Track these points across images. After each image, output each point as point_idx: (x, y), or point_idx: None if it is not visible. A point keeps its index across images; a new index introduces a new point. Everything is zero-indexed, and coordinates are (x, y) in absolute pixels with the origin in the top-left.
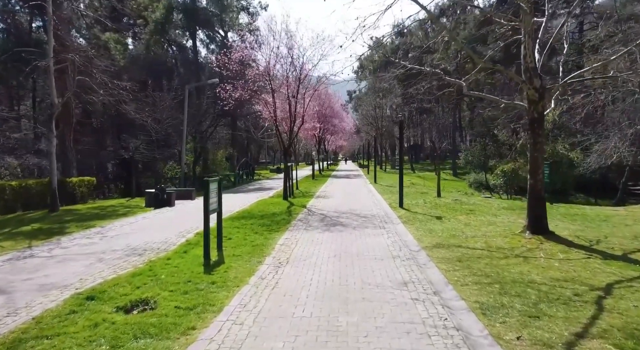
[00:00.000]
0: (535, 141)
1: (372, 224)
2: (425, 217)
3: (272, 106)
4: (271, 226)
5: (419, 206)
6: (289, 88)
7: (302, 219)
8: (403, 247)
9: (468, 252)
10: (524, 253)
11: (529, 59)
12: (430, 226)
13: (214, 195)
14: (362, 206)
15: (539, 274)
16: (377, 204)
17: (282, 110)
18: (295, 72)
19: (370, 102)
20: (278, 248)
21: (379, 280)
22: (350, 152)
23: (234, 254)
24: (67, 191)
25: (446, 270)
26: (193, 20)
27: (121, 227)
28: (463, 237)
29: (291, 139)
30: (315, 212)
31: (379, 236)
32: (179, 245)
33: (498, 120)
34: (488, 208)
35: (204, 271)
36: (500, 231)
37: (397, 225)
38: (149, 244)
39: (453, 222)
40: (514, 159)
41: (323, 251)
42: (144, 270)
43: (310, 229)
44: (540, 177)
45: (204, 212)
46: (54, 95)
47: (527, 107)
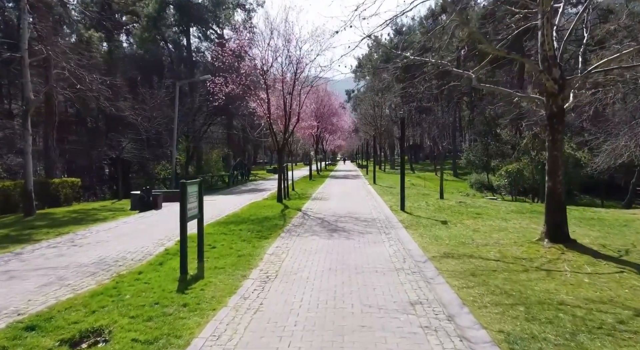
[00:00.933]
0: (555, 139)
1: (372, 229)
2: (429, 221)
3: (265, 103)
4: (262, 232)
5: (421, 209)
6: (285, 84)
7: (297, 224)
8: (407, 258)
9: (481, 263)
10: (546, 265)
11: (547, 46)
12: (436, 232)
13: (193, 199)
14: (362, 209)
15: (568, 293)
16: (377, 206)
17: (277, 108)
18: (291, 67)
19: (369, 101)
20: (267, 259)
21: (381, 301)
22: (349, 152)
23: (216, 267)
24: (50, 193)
25: (459, 287)
26: (187, 16)
27: (97, 233)
28: (473, 246)
29: (285, 138)
30: (311, 215)
31: (380, 244)
32: (156, 255)
33: (500, 119)
34: (496, 211)
35: (177, 289)
36: (514, 238)
37: (400, 231)
38: (123, 254)
39: (460, 228)
40: (518, 159)
41: (317, 263)
42: (107, 288)
43: (305, 235)
44: (560, 178)
45: (180, 219)
46: (29, 89)
47: (544, 101)
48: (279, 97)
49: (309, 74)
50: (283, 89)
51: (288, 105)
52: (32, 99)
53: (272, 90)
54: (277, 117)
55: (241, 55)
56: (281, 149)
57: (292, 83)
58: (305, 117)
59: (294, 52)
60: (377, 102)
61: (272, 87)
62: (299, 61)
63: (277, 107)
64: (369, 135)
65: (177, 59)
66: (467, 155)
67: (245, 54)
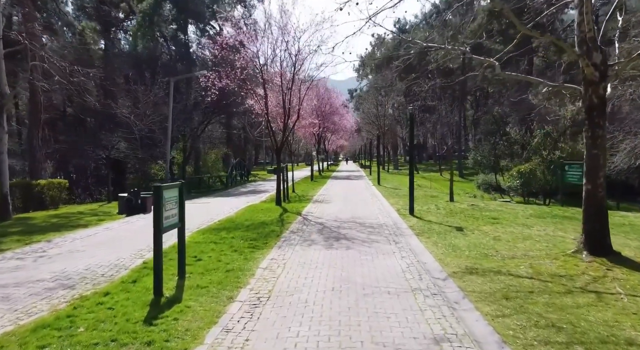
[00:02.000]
0: (594, 135)
1: (380, 237)
2: (443, 227)
3: (263, 99)
4: (256, 241)
5: (431, 213)
6: (283, 78)
7: (296, 231)
8: (423, 274)
9: (513, 282)
10: (592, 285)
11: (586, 27)
12: (452, 240)
13: (172, 206)
14: (367, 213)
15: (636, 327)
16: (384, 210)
17: (276, 105)
18: (289, 59)
19: (372, 100)
20: (259, 274)
21: (398, 338)
22: (351, 152)
23: (199, 285)
24: (34, 195)
25: (492, 315)
26: (184, 12)
27: (72, 242)
28: (498, 258)
29: (284, 137)
30: (312, 220)
31: (390, 256)
32: (132, 269)
33: (509, 118)
34: (513, 216)
35: (146, 318)
36: (543, 249)
37: (411, 239)
38: (94, 268)
39: (478, 235)
40: (528, 159)
41: (318, 280)
42: (60, 316)
43: (304, 244)
44: (601, 180)
45: (154, 230)
46: (4, 83)
47: (581, 91)
48: (277, 93)
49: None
50: (282, 83)
51: (287, 102)
52: (8, 93)
53: (270, 85)
54: (276, 115)
55: (236, 48)
56: (280, 149)
57: (291, 77)
58: (305, 115)
59: (292, 43)
60: (380, 101)
61: (270, 82)
62: (298, 53)
63: (276, 104)
64: (372, 134)
65: (174, 55)
66: (475, 155)
67: (241, 46)
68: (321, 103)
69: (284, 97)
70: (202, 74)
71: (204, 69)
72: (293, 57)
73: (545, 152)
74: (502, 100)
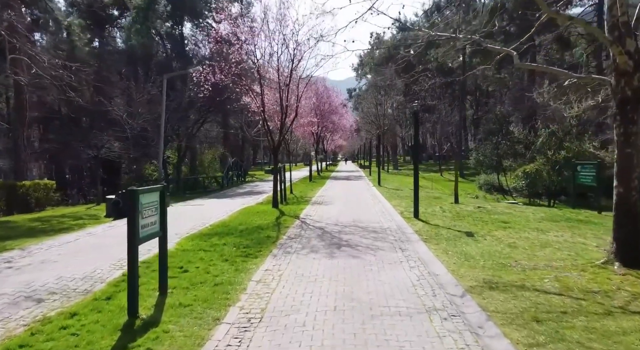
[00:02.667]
0: (627, 132)
1: (385, 243)
2: (451, 232)
3: (259, 96)
4: (250, 248)
5: (437, 216)
6: (280, 73)
7: (293, 236)
8: (437, 288)
9: (540, 299)
10: (634, 304)
11: (618, 11)
12: (463, 248)
13: (151, 212)
14: (369, 216)
15: None
16: (386, 212)
17: (273, 103)
18: (287, 53)
19: (371, 99)
20: (252, 289)
21: None
22: (350, 152)
23: (182, 303)
24: (18, 197)
25: (525, 344)
26: (179, 8)
27: (48, 249)
28: (519, 269)
29: (282, 136)
30: (311, 224)
31: (397, 266)
32: (109, 282)
33: (512, 117)
34: (525, 219)
35: (114, 349)
36: (566, 258)
37: (418, 246)
38: (65, 281)
39: (491, 242)
40: (532, 159)
41: (318, 297)
42: (10, 347)
43: (302, 252)
44: (635, 183)
45: (128, 242)
46: None
47: (612, 83)
48: (274, 90)
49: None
50: (279, 79)
51: (284, 99)
52: None
53: (267, 82)
54: (273, 113)
55: (231, 41)
56: (277, 149)
57: (288, 73)
58: (304, 113)
59: (290, 37)
60: (380, 100)
61: (266, 78)
62: (297, 46)
63: (274, 101)
64: (371, 134)
65: (170, 53)
66: (477, 155)
67: (236, 39)
68: (320, 102)
69: (281, 94)
70: (196, 69)
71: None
72: (291, 51)
73: (550, 152)
74: (504, 99)
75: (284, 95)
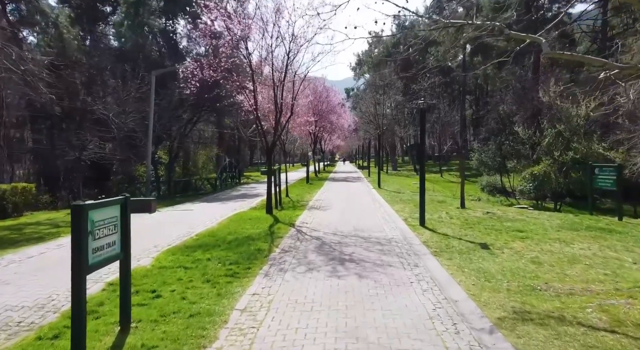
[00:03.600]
0: None
1: (391, 258)
2: (463, 244)
3: (252, 92)
4: (238, 265)
5: (444, 223)
6: (275, 69)
7: (288, 249)
8: (458, 321)
9: (590, 339)
10: None
11: None
12: (480, 263)
13: (108, 231)
14: (371, 223)
15: None
16: (389, 219)
17: (268, 101)
18: (283, 47)
19: (370, 99)
20: (234, 321)
21: None
22: (348, 152)
23: (144, 344)
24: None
25: None
26: (172, 3)
27: (6, 266)
28: (551, 294)
29: (276, 135)
30: (307, 234)
31: (408, 288)
32: (62, 313)
33: (516, 116)
34: (541, 228)
35: None
36: (604, 279)
37: (429, 261)
38: (11, 309)
39: (510, 256)
40: (538, 160)
41: (314, 334)
42: None
43: (297, 270)
44: None
45: (72, 270)
46: None
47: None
48: (269, 87)
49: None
50: (272, 75)
51: (279, 97)
52: None
53: (261, 79)
54: (267, 112)
55: (221, 35)
56: (271, 149)
57: (283, 68)
58: (300, 112)
59: (285, 29)
60: (379, 99)
61: (259, 74)
62: (294, 38)
63: (268, 100)
64: (370, 134)
65: (163, 51)
66: (479, 155)
67: (227, 32)
68: (318, 101)
69: (276, 91)
70: (184, 65)
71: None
72: (287, 45)
73: (557, 153)
74: (506, 98)
75: (278, 93)
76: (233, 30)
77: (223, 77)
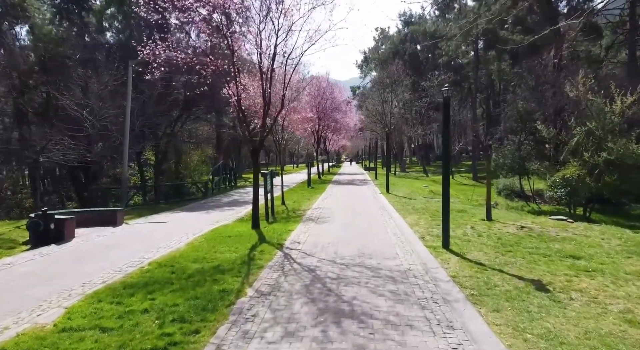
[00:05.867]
0: None
1: (411, 309)
2: (508, 280)
3: (233, 79)
4: (182, 323)
5: (472, 244)
6: (262, 52)
7: (264, 291)
8: None
9: None
10: None
11: None
12: (546, 321)
13: None
14: (379, 244)
15: None
16: (403, 237)
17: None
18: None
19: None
20: None
21: None
22: (353, 153)
23: None
24: None
25: None
26: None
27: None
28: None
29: (264, 132)
30: (297, 261)
31: None
32: None
33: (537, 114)
34: (602, 252)
35: None
36: None
37: (468, 318)
38: None
39: (586, 306)
40: (565, 161)
41: None
42: None
43: (269, 336)
44: None
45: None
46: None
47: None
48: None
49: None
50: (260, 60)
51: (267, 86)
52: None
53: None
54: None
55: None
56: (258, 149)
57: (272, 50)
58: (298, 107)
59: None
60: (386, 97)
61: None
62: (285, 13)
63: (254, 91)
64: (376, 133)
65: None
66: (496, 156)
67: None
68: (322, 97)
69: (263, 79)
70: (171, 56)
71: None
72: (276, 22)
73: (587, 154)
74: (523, 95)
75: (266, 82)
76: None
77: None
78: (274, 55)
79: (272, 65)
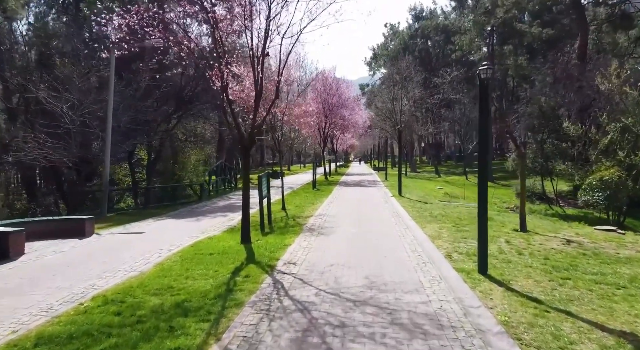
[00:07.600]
0: None
1: None
2: (584, 332)
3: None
4: None
5: (514, 265)
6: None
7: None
8: None
9: None
10: None
11: None
12: None
13: None
14: (397, 267)
15: None
16: (425, 255)
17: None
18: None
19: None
20: None
21: None
22: (362, 152)
23: None
24: None
25: None
26: None
27: None
28: None
29: (254, 125)
30: (288, 292)
31: None
32: None
33: (561, 110)
34: None
35: None
36: None
37: None
38: None
39: None
40: (597, 161)
41: None
42: None
43: None
44: None
45: None
46: None
47: None
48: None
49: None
50: (250, 37)
51: (258, 70)
52: None
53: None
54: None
55: None
56: (249, 147)
57: (264, 26)
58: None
59: None
60: (396, 94)
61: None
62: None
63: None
64: (386, 132)
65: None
66: (516, 156)
67: None
68: (328, 94)
69: (254, 62)
70: (159, 43)
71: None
72: None
73: (623, 153)
74: (544, 90)
75: (258, 65)
76: None
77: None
78: (266, 32)
79: (265, 44)
